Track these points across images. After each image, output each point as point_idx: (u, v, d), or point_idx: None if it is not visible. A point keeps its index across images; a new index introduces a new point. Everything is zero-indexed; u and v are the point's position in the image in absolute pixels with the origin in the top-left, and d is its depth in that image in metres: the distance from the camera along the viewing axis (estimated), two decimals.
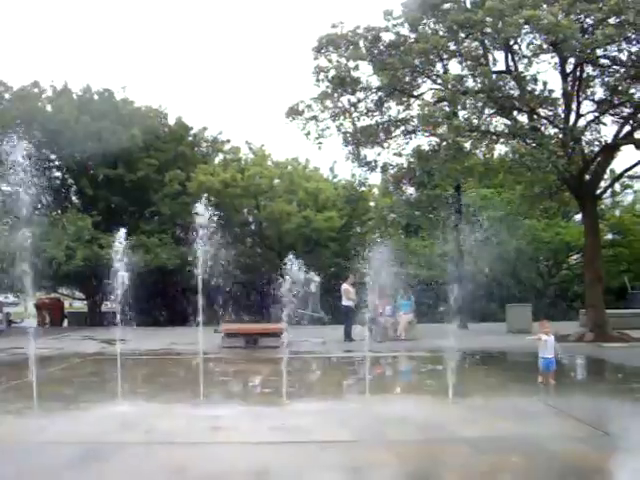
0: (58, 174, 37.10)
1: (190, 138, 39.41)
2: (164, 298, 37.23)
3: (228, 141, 40.86)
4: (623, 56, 21.13)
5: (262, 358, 18.94)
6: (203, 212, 13.68)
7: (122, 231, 13.83)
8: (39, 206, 28.95)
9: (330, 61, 23.16)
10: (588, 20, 20.26)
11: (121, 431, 9.46)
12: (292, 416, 10.45)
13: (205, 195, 14.10)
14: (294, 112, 23.87)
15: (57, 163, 36.18)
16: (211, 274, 13.23)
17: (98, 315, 35.88)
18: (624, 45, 20.62)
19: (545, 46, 21.05)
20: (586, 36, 19.65)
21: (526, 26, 19.72)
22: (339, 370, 18.07)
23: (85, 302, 40.10)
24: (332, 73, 23.06)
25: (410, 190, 26.98)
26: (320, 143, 24.22)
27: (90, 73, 67.50)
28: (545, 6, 19.68)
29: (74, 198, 37.59)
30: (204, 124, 40.19)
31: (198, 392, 12.03)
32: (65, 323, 37.24)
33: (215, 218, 14.47)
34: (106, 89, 36.19)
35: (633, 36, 19.88)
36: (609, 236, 35.51)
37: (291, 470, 7.74)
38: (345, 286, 23.18)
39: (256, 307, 32.85)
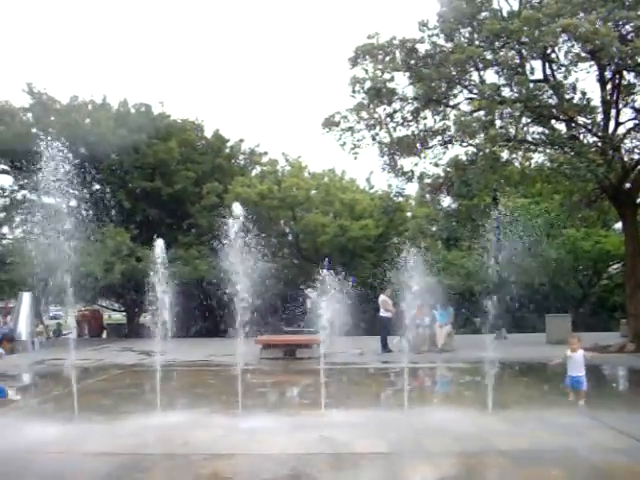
0: (97, 187, 37.54)
1: (227, 150, 39.68)
2: (203, 310, 37.43)
3: (265, 153, 41.13)
4: None
5: (299, 369, 18.98)
6: (239, 223, 13.75)
7: (160, 243, 13.97)
8: (80, 219, 29.29)
9: (366, 72, 23.21)
10: (627, 27, 20.08)
11: (160, 442, 9.55)
12: (329, 427, 10.44)
13: (239, 206, 14.05)
14: (330, 123, 23.94)
15: (96, 177, 36.63)
16: (249, 285, 13.29)
17: (137, 327, 36.20)
18: None
19: (583, 54, 20.88)
20: (625, 44, 19.46)
21: (563, 34, 19.59)
22: (376, 381, 18.03)
23: (124, 314, 40.50)
24: (368, 84, 23.09)
25: (447, 201, 26.86)
26: (356, 154, 24.24)
27: (128, 88, 68.17)
28: (582, 14, 19.54)
29: (112, 211, 38.00)
30: (241, 136, 40.61)
31: (236, 403, 12.09)
32: (104, 335, 37.67)
33: (252, 229, 14.54)
34: (143, 103, 36.64)
35: None
36: None
37: None
38: (383, 297, 23.15)
39: (294, 318, 32.91)
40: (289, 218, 37.05)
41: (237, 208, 13.86)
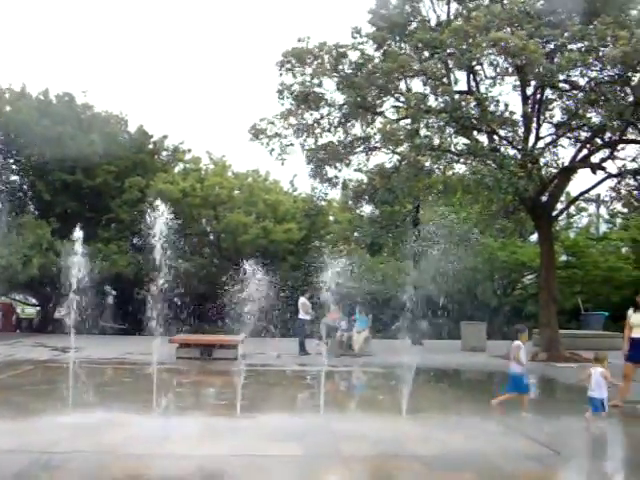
0: (15, 178, 36.53)
1: (150, 146, 39.04)
2: (120, 306, 36.84)
3: (189, 150, 40.63)
4: (582, 81, 21.53)
5: (216, 370, 18.83)
6: (161, 220, 13.55)
7: (78, 237, 13.65)
8: None
9: (294, 76, 23.18)
10: (550, 45, 20.62)
11: (71, 440, 9.32)
12: (243, 429, 10.40)
13: (160, 203, 13.85)
14: (257, 131, 23.76)
15: (14, 167, 35.65)
16: (168, 283, 13.12)
17: (51, 322, 35.36)
18: (584, 70, 21.00)
19: (509, 69, 21.36)
20: (549, 60, 19.98)
21: (492, 48, 19.97)
22: (293, 384, 18.03)
23: (38, 308, 39.49)
24: (296, 89, 23.08)
25: (370, 207, 27.08)
26: (283, 159, 24.17)
27: (49, 77, 66.43)
28: (509, 29, 19.98)
29: (30, 203, 37.01)
30: (165, 132, 39.95)
31: (150, 402, 11.91)
32: (17, 329, 36.65)
33: (173, 227, 14.36)
34: (66, 93, 35.70)
35: (594, 62, 20.26)
36: (564, 257, 35.97)
37: None
38: (302, 300, 23.20)
39: (213, 318, 32.66)
40: (211, 217, 36.72)
41: (159, 204, 13.67)
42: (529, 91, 22.63)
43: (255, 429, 10.45)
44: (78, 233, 13.96)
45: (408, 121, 22.21)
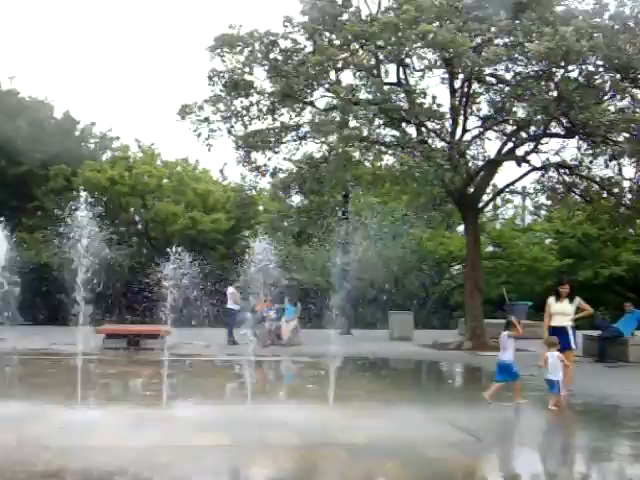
0: None
1: (77, 133, 38.43)
2: (46, 296, 36.09)
3: (117, 138, 40.17)
4: (508, 75, 21.97)
5: (142, 360, 18.67)
6: (87, 209, 13.32)
7: (1, 226, 13.36)
8: None
9: (225, 62, 23.06)
10: (477, 39, 20.96)
11: None
12: (169, 420, 10.33)
13: (88, 190, 13.69)
14: (186, 112, 23.60)
15: None
16: (95, 273, 12.93)
17: None
18: (510, 65, 21.43)
19: (437, 62, 21.61)
20: (476, 54, 20.30)
21: (420, 41, 20.18)
22: (220, 374, 17.99)
23: None
24: (226, 75, 22.96)
25: (299, 197, 27.12)
26: (210, 145, 24.04)
27: None
28: (437, 23, 20.23)
29: None
30: (93, 119, 39.44)
31: (75, 394, 11.72)
32: None
33: (100, 215, 14.15)
34: None
35: (519, 57, 20.68)
36: (490, 248, 36.67)
37: (165, 475, 7.69)
38: (231, 289, 23.13)
39: (140, 308, 32.31)
40: (139, 206, 36.31)
41: (86, 193, 13.43)
42: (457, 84, 22.99)
43: (182, 419, 10.37)
44: (1, 221, 13.66)
45: (337, 112, 22.30)
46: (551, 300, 13.74)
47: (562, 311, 13.47)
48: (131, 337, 21.08)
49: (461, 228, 31.80)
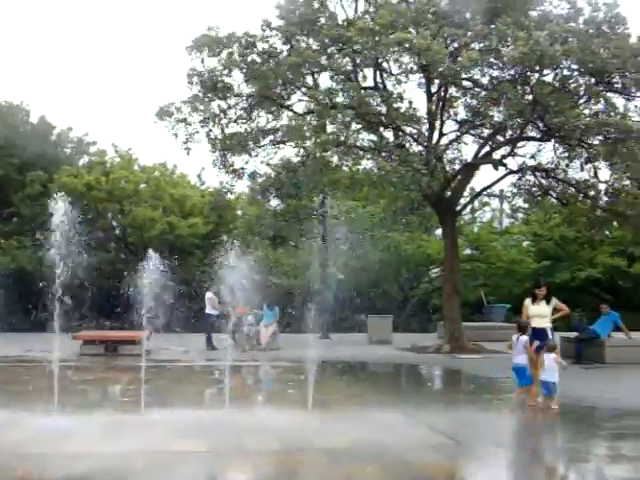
0: None
1: (54, 138, 38.13)
2: (21, 303, 35.79)
3: (94, 143, 39.81)
4: (485, 79, 22.09)
5: (120, 366, 18.58)
6: (63, 214, 13.24)
7: None
8: None
9: (203, 63, 23.02)
10: (454, 44, 21.08)
11: None
12: (147, 426, 10.28)
13: (65, 196, 13.55)
14: (164, 113, 23.49)
15: None
16: (71, 279, 12.84)
17: None
18: (486, 69, 21.55)
19: (413, 67, 21.67)
20: (452, 59, 20.41)
21: (397, 47, 20.25)
22: (199, 379, 17.95)
23: None
24: (205, 75, 22.91)
25: (276, 201, 27.06)
26: (188, 149, 23.91)
27: None
28: (413, 28, 20.32)
29: None
30: (69, 124, 39.08)
31: (51, 401, 11.62)
32: None
33: (77, 221, 14.06)
34: None
35: (494, 61, 20.81)
36: (467, 251, 36.79)
37: None
38: (209, 294, 23.05)
39: (118, 314, 32.15)
40: (117, 211, 36.09)
41: (62, 198, 13.35)
42: (433, 89, 23.07)
43: (160, 425, 10.33)
44: None
45: (314, 116, 22.31)
46: (527, 302, 13.81)
47: (539, 313, 13.54)
48: (109, 343, 20.96)
49: (439, 231, 31.91)
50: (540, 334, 13.11)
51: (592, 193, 23.46)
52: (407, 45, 19.68)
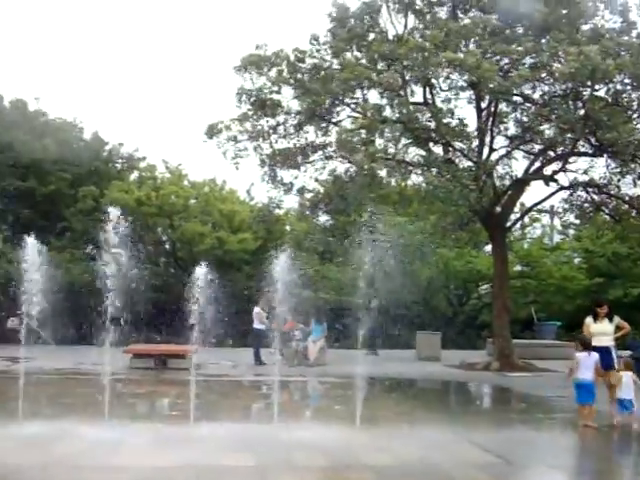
0: None
1: (105, 154, 38.65)
2: (74, 316, 36.29)
3: (144, 158, 40.21)
4: (536, 95, 21.89)
5: (169, 380, 18.70)
6: (115, 229, 13.41)
7: (32, 245, 13.45)
8: None
9: (252, 82, 23.21)
10: (505, 60, 20.94)
11: (22, 452, 9.17)
12: (198, 440, 10.34)
13: (117, 212, 13.74)
14: (213, 131, 23.73)
15: None
16: (122, 293, 12.99)
17: (3, 332, 34.71)
18: (537, 84, 21.36)
19: (463, 85, 21.60)
20: (502, 75, 20.25)
21: (447, 66, 20.22)
22: (247, 394, 17.99)
23: None
24: (254, 94, 23.08)
25: (325, 217, 27.07)
26: (237, 164, 24.09)
27: (1, 83, 65.52)
28: (463, 45, 20.29)
29: None
30: (121, 140, 39.53)
31: (102, 414, 11.76)
32: None
33: (128, 236, 14.22)
34: (19, 99, 35.33)
35: (546, 77, 20.62)
36: (518, 267, 36.35)
37: None
38: (257, 309, 23.12)
39: (168, 328, 32.42)
40: (166, 226, 36.45)
41: (114, 214, 13.54)
42: (483, 104, 22.93)
43: (209, 439, 10.38)
44: (31, 241, 13.74)
45: (364, 131, 22.30)
46: (589, 320, 13.54)
47: (602, 331, 13.29)
48: (158, 357, 21.13)
49: (489, 247, 31.62)
50: (602, 352, 12.87)
51: None
52: (457, 63, 19.63)
